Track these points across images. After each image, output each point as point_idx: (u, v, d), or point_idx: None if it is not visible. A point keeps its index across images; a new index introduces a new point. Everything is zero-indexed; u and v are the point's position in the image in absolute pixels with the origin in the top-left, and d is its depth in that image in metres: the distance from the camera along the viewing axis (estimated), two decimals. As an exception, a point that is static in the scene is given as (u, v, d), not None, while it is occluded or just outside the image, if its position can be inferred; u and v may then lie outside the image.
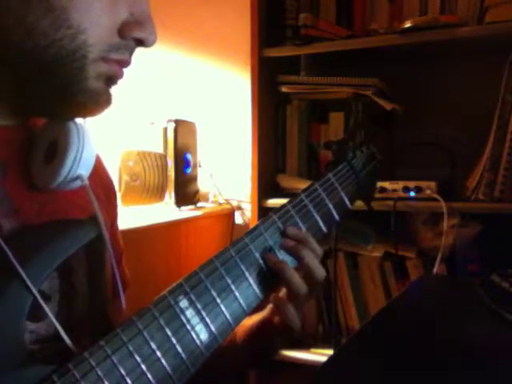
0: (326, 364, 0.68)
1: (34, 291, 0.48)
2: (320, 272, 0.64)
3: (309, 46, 1.47)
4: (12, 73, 0.55)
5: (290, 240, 0.64)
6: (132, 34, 0.56)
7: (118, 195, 1.46)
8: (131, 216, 1.39)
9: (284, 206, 0.66)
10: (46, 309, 0.50)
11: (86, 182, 0.58)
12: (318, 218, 0.69)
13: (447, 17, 1.37)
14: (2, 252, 0.48)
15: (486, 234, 1.39)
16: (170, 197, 1.58)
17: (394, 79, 1.51)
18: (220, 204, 1.79)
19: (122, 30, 0.55)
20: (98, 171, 0.69)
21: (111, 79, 0.57)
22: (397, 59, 1.54)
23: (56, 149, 0.57)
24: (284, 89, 1.54)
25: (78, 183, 0.58)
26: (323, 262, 0.66)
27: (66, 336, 0.50)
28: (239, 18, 1.71)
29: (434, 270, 1.37)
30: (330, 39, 1.46)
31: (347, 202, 0.74)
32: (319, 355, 1.47)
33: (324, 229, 0.69)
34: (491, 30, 1.31)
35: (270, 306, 0.68)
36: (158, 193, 1.54)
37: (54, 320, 0.51)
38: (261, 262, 0.61)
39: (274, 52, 1.52)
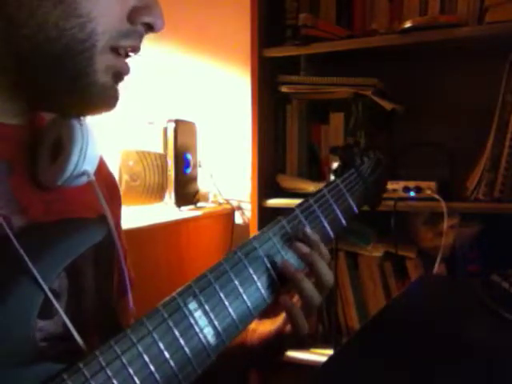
0: (326, 364, 0.68)
1: (46, 288, 0.49)
2: (329, 278, 0.64)
3: (309, 46, 1.47)
4: (23, 67, 0.55)
5: (304, 245, 0.64)
6: (141, 19, 0.57)
7: (118, 195, 1.46)
8: (131, 216, 1.39)
9: (293, 210, 0.66)
10: (58, 307, 0.50)
11: (93, 177, 0.59)
12: (326, 224, 0.69)
13: (447, 17, 1.37)
14: (14, 249, 0.48)
15: (486, 233, 1.39)
16: (170, 197, 1.58)
17: (394, 79, 1.51)
18: (220, 204, 1.79)
19: (131, 16, 0.56)
20: (102, 171, 0.69)
21: (119, 74, 0.58)
22: (397, 59, 1.54)
23: (61, 147, 0.57)
24: (284, 89, 1.54)
25: (84, 179, 0.58)
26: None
27: (77, 335, 0.51)
28: (239, 18, 1.71)
29: (434, 270, 1.37)
30: (330, 39, 1.46)
31: (355, 208, 0.74)
32: (319, 355, 1.47)
33: (331, 234, 0.69)
34: (491, 29, 1.31)
35: (282, 316, 0.67)
36: (157, 193, 1.54)
37: (66, 319, 0.51)
38: (269, 266, 0.61)
39: (274, 52, 1.52)
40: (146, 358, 0.48)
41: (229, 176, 1.83)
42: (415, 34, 1.35)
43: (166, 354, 0.50)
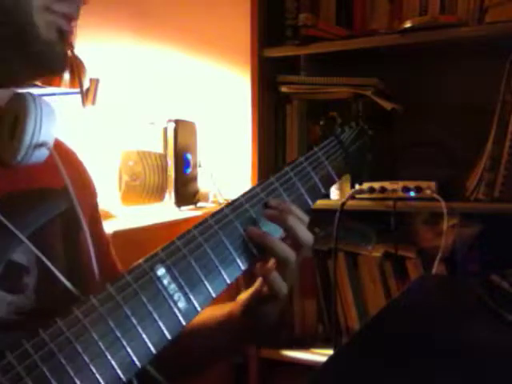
0: (326, 364, 0.68)
1: (27, 242, 0.50)
2: (306, 236, 0.63)
3: (309, 46, 1.47)
4: None
5: (272, 210, 0.63)
6: None
7: (118, 195, 1.46)
8: (131, 216, 1.39)
9: (268, 178, 0.66)
10: (49, 263, 0.52)
11: (51, 146, 0.59)
12: (303, 191, 0.68)
13: (447, 17, 1.37)
14: None
15: (486, 234, 1.39)
16: (170, 197, 1.58)
17: (393, 79, 1.51)
18: (220, 204, 1.79)
19: None
20: (73, 163, 0.71)
21: (61, 32, 0.59)
22: (397, 59, 1.54)
23: (18, 123, 0.58)
24: (284, 89, 1.54)
25: (44, 152, 0.59)
26: (323, 262, 0.66)
27: (69, 284, 0.52)
28: (239, 18, 1.71)
29: (434, 270, 1.37)
30: (330, 39, 1.46)
31: (334, 176, 0.73)
32: (319, 355, 1.47)
33: (310, 202, 0.69)
34: (491, 30, 1.31)
35: (259, 280, 0.67)
36: (157, 193, 1.54)
37: (58, 273, 0.52)
38: (242, 232, 0.60)
39: (274, 52, 1.52)
40: (111, 323, 0.47)
41: (229, 176, 1.83)
42: (415, 34, 1.36)
43: (133, 320, 0.49)
